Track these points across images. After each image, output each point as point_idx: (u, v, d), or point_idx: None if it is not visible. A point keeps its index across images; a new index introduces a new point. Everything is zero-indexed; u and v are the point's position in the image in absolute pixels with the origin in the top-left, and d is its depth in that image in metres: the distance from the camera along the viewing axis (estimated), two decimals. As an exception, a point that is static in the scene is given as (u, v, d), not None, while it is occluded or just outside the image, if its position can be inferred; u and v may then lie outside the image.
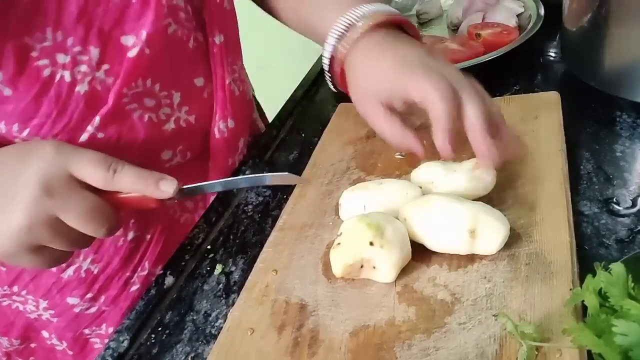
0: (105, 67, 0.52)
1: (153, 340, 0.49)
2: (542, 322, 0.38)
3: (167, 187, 0.45)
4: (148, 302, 0.53)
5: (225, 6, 0.62)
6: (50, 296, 0.60)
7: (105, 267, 0.60)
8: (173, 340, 0.48)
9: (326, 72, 0.57)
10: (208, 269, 0.55)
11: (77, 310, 0.61)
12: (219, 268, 0.54)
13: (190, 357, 0.46)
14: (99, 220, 0.43)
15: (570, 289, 0.40)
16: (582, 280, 0.38)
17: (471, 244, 0.44)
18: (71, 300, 0.60)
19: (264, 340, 0.43)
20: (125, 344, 0.49)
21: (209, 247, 0.57)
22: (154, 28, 0.53)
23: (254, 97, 0.88)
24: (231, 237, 0.58)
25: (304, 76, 0.87)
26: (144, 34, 0.52)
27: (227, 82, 0.63)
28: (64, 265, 0.57)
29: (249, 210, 0.61)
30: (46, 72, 0.49)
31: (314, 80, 0.84)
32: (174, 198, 0.46)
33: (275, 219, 0.56)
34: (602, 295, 0.35)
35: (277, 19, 0.68)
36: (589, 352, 0.34)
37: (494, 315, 0.39)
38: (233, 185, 0.51)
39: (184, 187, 0.47)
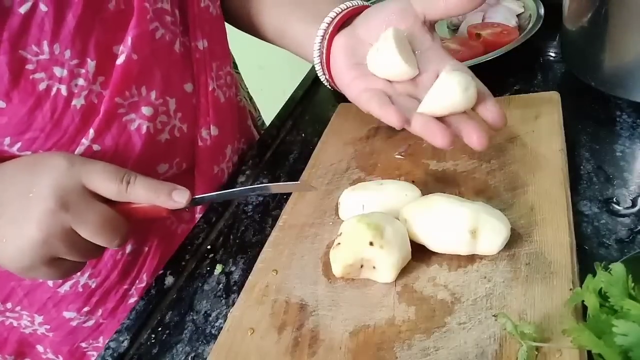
0: (101, 79, 0.51)
1: (153, 340, 0.49)
2: (542, 322, 0.38)
3: (179, 198, 0.46)
4: (148, 302, 0.53)
5: (211, 11, 0.61)
6: (45, 311, 0.59)
7: (103, 281, 0.59)
8: (173, 340, 0.48)
9: (321, 76, 0.58)
10: (208, 269, 0.55)
11: (73, 324, 0.60)
12: (219, 268, 0.54)
13: (190, 357, 0.46)
14: (112, 232, 0.44)
15: (570, 289, 0.40)
16: (582, 280, 0.38)
17: (472, 245, 0.44)
18: (68, 315, 0.60)
19: (264, 340, 0.43)
20: (125, 344, 0.49)
21: (209, 247, 0.58)
22: (138, 32, 0.52)
23: (251, 99, 0.87)
24: (231, 237, 0.58)
25: (304, 76, 0.87)
26: (129, 39, 0.52)
27: (210, 88, 0.62)
28: (59, 281, 0.57)
29: (249, 210, 0.61)
30: (42, 86, 0.48)
31: (314, 80, 0.84)
32: (186, 208, 0.47)
33: (275, 219, 0.56)
34: (602, 296, 0.35)
35: (260, 36, 0.67)
36: (589, 352, 0.34)
37: (493, 316, 0.39)
38: (242, 194, 0.52)
39: (196, 197, 0.48)
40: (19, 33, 0.46)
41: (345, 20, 0.55)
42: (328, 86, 0.59)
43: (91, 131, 0.51)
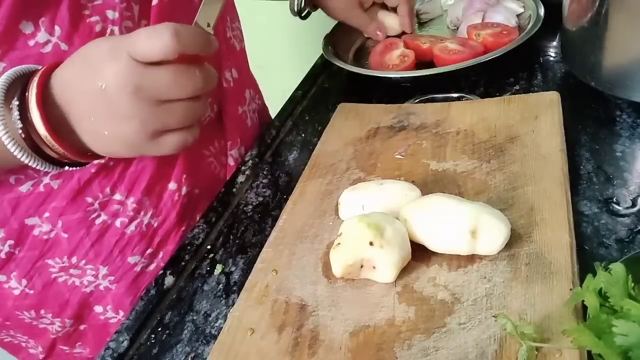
0: (144, 22, 0.55)
1: (153, 340, 0.49)
2: (542, 322, 0.38)
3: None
4: (148, 302, 0.53)
5: None
6: (111, 259, 0.61)
7: (164, 221, 0.63)
8: (173, 340, 0.48)
9: None
10: (208, 269, 0.55)
11: (137, 269, 0.63)
12: (219, 268, 0.54)
13: (190, 357, 0.46)
14: (188, 74, 0.42)
15: (570, 289, 0.40)
16: (582, 280, 0.38)
17: (472, 245, 0.44)
18: (132, 259, 0.62)
19: (264, 341, 0.43)
20: (125, 344, 0.49)
21: (209, 247, 0.57)
22: None
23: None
24: (231, 237, 0.58)
25: (304, 76, 0.86)
26: None
27: (227, 35, 0.68)
28: (126, 220, 0.60)
29: (249, 210, 0.61)
30: (98, 28, 0.52)
31: (314, 80, 0.84)
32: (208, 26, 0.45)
33: (275, 219, 0.56)
34: (602, 296, 0.35)
35: None
36: (589, 352, 0.34)
37: (493, 317, 0.39)
38: None
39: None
40: None
41: None
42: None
43: None
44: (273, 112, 0.79)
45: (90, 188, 0.57)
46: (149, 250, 0.63)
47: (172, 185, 0.62)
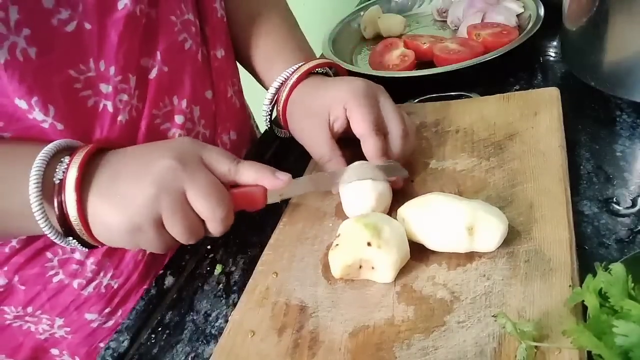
0: (137, 92, 0.53)
1: (153, 340, 0.49)
2: (541, 319, 0.38)
3: (283, 176, 0.49)
4: (148, 302, 0.53)
5: (224, 22, 0.63)
6: (67, 314, 0.59)
7: (124, 282, 0.60)
8: (173, 340, 0.48)
9: (265, 108, 0.62)
10: (208, 269, 0.55)
11: (94, 325, 0.61)
12: (219, 268, 0.54)
13: (190, 357, 0.46)
14: (218, 196, 0.45)
15: (570, 286, 0.39)
16: (582, 280, 0.38)
17: (470, 242, 0.44)
18: (89, 316, 0.60)
19: (265, 343, 0.43)
20: (125, 344, 0.49)
21: (209, 247, 0.58)
22: (167, 45, 0.54)
23: None
24: (231, 237, 0.58)
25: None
26: (158, 53, 0.54)
27: (228, 95, 0.65)
28: (84, 282, 0.57)
29: (249, 210, 0.61)
30: (90, 103, 0.50)
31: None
32: (280, 197, 0.50)
33: (275, 219, 0.56)
34: (602, 296, 0.35)
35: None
36: (588, 351, 0.34)
37: (493, 316, 0.39)
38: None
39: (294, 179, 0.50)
40: (67, 53, 0.47)
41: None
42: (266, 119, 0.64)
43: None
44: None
45: (52, 244, 0.55)
46: (107, 310, 0.60)
47: None
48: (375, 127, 0.53)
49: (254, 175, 0.48)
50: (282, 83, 0.60)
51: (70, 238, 0.45)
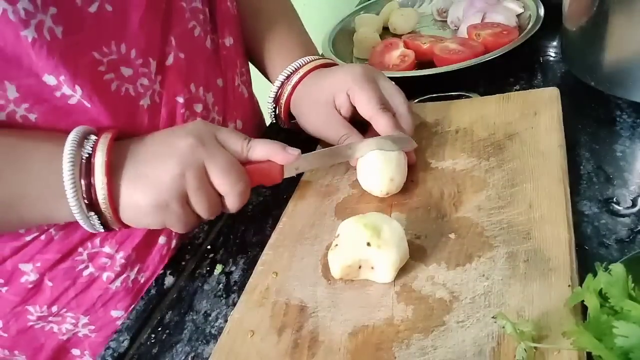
0: (159, 78, 0.54)
1: (153, 340, 0.49)
2: (541, 319, 0.38)
3: (293, 151, 0.52)
4: (148, 302, 0.53)
5: (233, 11, 0.64)
6: (93, 311, 0.59)
7: (151, 277, 0.60)
8: (173, 340, 0.48)
9: (270, 104, 0.65)
10: (208, 269, 0.55)
11: (119, 323, 0.60)
12: (219, 268, 0.54)
13: (190, 357, 0.46)
14: (237, 173, 0.49)
15: (569, 286, 0.39)
16: (581, 280, 0.38)
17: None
18: (115, 313, 0.60)
19: (264, 343, 0.43)
20: (125, 344, 0.49)
21: (209, 247, 0.58)
22: (179, 31, 0.55)
23: None
24: (231, 237, 0.58)
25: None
26: (172, 39, 0.54)
27: (235, 84, 0.66)
28: (113, 275, 0.58)
29: (249, 210, 0.61)
30: (113, 87, 0.51)
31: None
32: (296, 169, 0.53)
33: (275, 219, 0.56)
34: (602, 296, 0.35)
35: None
36: (588, 352, 0.34)
37: (493, 317, 0.39)
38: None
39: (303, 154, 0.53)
40: (93, 34, 0.48)
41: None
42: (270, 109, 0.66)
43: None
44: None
45: (86, 239, 0.55)
46: (133, 306, 0.60)
47: (161, 239, 0.59)
48: (382, 105, 0.56)
49: (266, 152, 0.51)
50: (284, 81, 0.64)
51: (93, 213, 0.46)
